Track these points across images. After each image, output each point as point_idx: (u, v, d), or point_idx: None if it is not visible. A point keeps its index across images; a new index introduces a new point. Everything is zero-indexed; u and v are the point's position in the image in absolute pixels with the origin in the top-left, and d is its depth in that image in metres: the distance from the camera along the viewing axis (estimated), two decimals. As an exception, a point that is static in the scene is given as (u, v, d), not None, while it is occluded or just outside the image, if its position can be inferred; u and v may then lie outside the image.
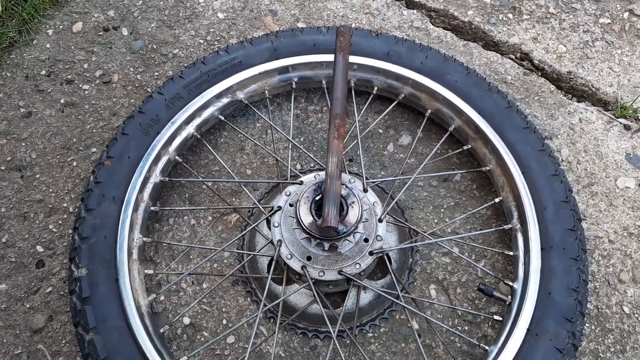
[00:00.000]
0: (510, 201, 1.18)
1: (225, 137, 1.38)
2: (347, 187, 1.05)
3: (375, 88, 1.34)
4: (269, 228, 1.11)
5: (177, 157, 1.25)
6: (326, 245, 1.02)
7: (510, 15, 1.54)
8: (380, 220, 1.08)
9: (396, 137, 1.37)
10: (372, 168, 1.34)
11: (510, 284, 1.11)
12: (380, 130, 1.38)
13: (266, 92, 1.33)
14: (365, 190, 1.11)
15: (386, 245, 1.19)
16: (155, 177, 1.21)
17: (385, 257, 1.12)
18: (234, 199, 1.31)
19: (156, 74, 1.46)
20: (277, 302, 1.11)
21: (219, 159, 1.24)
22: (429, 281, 1.21)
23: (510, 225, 1.17)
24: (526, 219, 1.12)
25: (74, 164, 1.34)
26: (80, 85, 1.45)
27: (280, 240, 1.06)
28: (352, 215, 1.02)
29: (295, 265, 1.04)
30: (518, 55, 1.49)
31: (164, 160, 1.22)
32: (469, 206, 1.28)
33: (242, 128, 1.38)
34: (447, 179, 1.32)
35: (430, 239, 1.19)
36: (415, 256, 1.23)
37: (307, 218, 1.02)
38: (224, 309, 1.19)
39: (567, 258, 1.07)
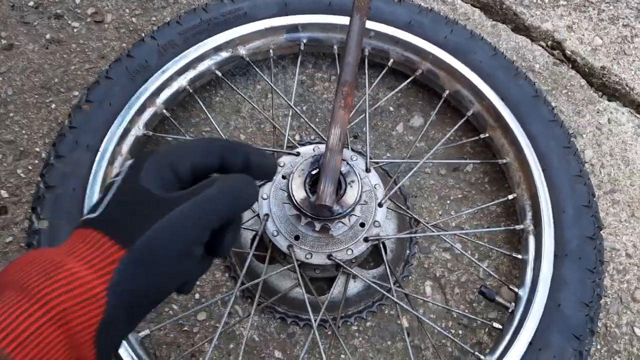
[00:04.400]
0: (525, 200, 1.07)
1: (221, 96, 1.26)
2: (348, 163, 0.93)
3: (391, 60, 1.21)
4: (257, 200, 1.00)
5: (164, 111, 1.13)
6: (317, 226, 0.90)
7: (545, -1, 1.41)
8: (380, 205, 0.97)
9: (407, 117, 1.26)
10: (377, 148, 1.22)
11: (516, 290, 1.00)
12: (391, 108, 1.26)
13: (271, 51, 1.21)
14: (367, 171, 1.00)
15: (383, 232, 1.08)
16: (138, 130, 1.09)
17: (381, 246, 1.01)
18: (222, 164, 1.19)
19: (153, 19, 1.33)
20: (256, 281, 1.00)
21: (211, 118, 1.12)
22: (425, 277, 1.11)
23: (522, 226, 1.06)
24: (541, 221, 1.01)
25: (53, 106, 1.22)
26: (69, 22, 1.32)
27: (267, 215, 0.95)
28: (350, 195, 0.91)
29: (281, 243, 0.93)
30: (549, 43, 1.36)
31: (149, 112, 1.10)
32: (478, 200, 1.17)
33: (241, 88, 1.26)
34: (458, 169, 1.20)
35: (432, 231, 1.08)
36: (413, 248, 1.12)
37: (299, 193, 0.91)
38: (198, 283, 1.08)
39: (582, 269, 0.97)
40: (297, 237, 0.94)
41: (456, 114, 1.22)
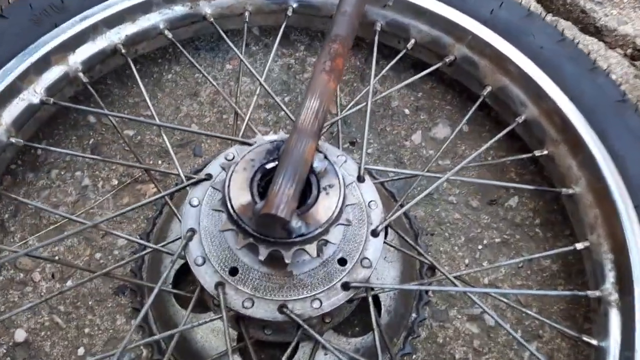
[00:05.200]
0: (603, 252, 0.69)
1: (175, 73, 0.93)
2: (326, 158, 0.57)
3: (412, 41, 0.87)
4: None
5: (81, 75, 0.79)
6: (263, 252, 0.53)
7: (623, -3, 1.07)
8: (374, 234, 0.60)
9: (429, 124, 0.90)
10: (381, 160, 0.86)
11: (588, 398, 0.60)
12: (407, 111, 0.91)
13: (246, 14, 0.88)
14: (360, 180, 0.64)
15: (377, 279, 0.70)
16: (33, 93, 0.75)
17: (371, 300, 0.62)
18: (160, 162, 0.84)
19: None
20: (168, 333, 0.62)
21: (144, 90, 0.77)
22: (439, 358, 0.71)
23: (597, 293, 0.67)
24: (632, 288, 0.63)
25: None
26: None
27: (192, 230, 0.59)
28: (324, 207, 0.54)
29: (207, 278, 0.57)
30: (629, 51, 1.01)
31: (57, 72, 0.77)
32: (524, 249, 0.79)
33: (205, 66, 0.93)
34: (496, 202, 0.83)
35: (456, 286, 0.69)
36: (422, 311, 0.74)
37: (240, 195, 0.55)
38: (87, 329, 0.71)
39: None
40: (234, 271, 0.58)
41: (498, 126, 0.86)
